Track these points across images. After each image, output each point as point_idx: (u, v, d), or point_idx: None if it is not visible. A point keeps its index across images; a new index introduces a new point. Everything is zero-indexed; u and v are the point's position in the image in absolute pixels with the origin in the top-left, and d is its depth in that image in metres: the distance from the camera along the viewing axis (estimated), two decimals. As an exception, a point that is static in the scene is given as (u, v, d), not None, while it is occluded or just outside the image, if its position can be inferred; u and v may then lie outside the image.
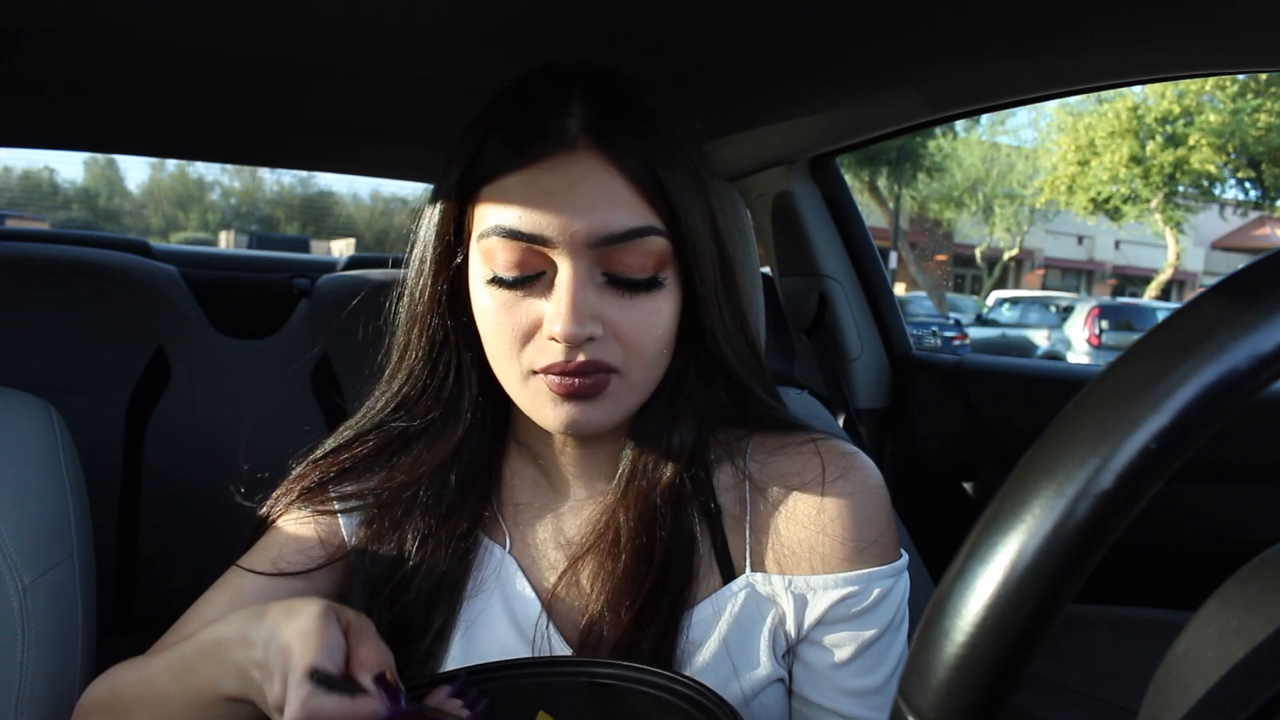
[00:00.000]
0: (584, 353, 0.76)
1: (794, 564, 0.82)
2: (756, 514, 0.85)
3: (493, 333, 0.80)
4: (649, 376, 0.81)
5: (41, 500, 0.98)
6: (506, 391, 0.83)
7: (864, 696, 0.82)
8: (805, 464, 0.85)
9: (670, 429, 0.85)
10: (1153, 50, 1.01)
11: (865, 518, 0.82)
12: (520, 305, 0.78)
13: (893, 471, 1.94)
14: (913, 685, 0.34)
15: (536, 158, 0.77)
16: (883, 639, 0.82)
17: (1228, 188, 21.80)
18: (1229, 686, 0.33)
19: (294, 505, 0.88)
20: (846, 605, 0.81)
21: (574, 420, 0.78)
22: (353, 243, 30.60)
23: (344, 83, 1.34)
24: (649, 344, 0.79)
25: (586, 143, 0.77)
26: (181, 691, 0.72)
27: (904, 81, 1.21)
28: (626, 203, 0.77)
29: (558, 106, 0.79)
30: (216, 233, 43.63)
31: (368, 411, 0.90)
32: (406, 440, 0.88)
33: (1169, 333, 0.32)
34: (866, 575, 0.81)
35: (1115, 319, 14.52)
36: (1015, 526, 0.32)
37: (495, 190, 0.78)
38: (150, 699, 0.74)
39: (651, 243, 0.77)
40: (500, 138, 0.79)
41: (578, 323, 0.74)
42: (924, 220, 27.81)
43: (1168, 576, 1.36)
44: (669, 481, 0.83)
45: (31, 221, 18.08)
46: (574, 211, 0.75)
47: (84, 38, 1.14)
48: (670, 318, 0.81)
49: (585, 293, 0.76)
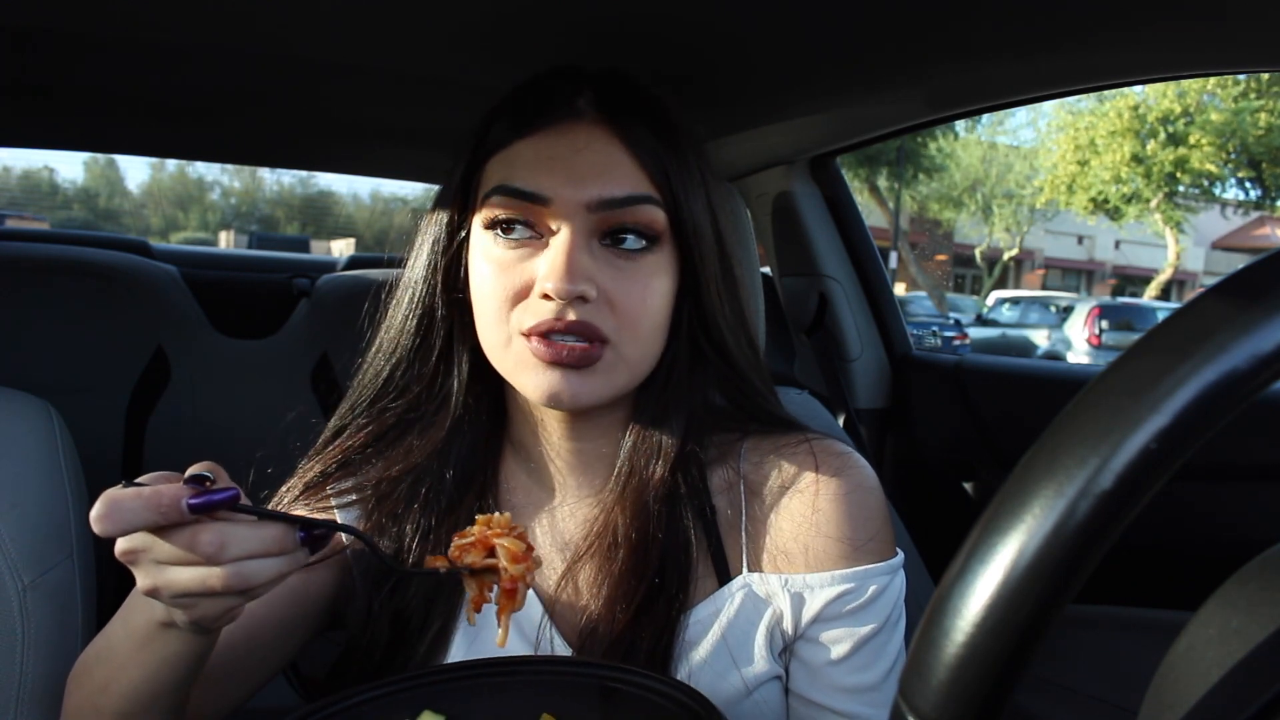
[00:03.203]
0: (575, 312, 0.76)
1: (790, 563, 0.83)
2: (752, 515, 0.85)
3: (485, 294, 0.80)
4: (641, 353, 0.81)
5: (41, 500, 0.98)
6: (491, 361, 0.82)
7: (860, 693, 0.82)
8: (799, 464, 0.85)
9: (665, 426, 0.85)
10: (1153, 50, 1.01)
11: (860, 516, 0.82)
12: (515, 267, 0.78)
13: (893, 471, 1.94)
14: (913, 685, 0.34)
15: (543, 126, 0.80)
16: (879, 636, 0.82)
17: (1228, 187, 21.82)
18: (1229, 686, 0.33)
19: (296, 502, 0.88)
20: (842, 602, 0.81)
21: (556, 390, 0.77)
22: (353, 243, 30.59)
23: (344, 83, 1.34)
24: (642, 316, 0.79)
25: (594, 116, 0.80)
26: (126, 633, 0.69)
27: (904, 81, 1.21)
28: (628, 172, 0.79)
29: (569, 88, 0.82)
30: (216, 233, 43.64)
31: (359, 388, 0.90)
32: (400, 430, 0.88)
33: (1169, 333, 0.32)
34: (862, 572, 0.81)
35: (1115, 319, 14.51)
36: (1015, 526, 0.32)
37: (501, 158, 0.81)
38: (106, 651, 0.72)
39: (649, 212, 0.79)
40: (510, 114, 0.82)
41: (570, 279, 0.74)
42: (924, 220, 27.82)
43: (1168, 576, 1.36)
44: (664, 482, 0.83)
45: (31, 221, 18.08)
46: (575, 174, 0.77)
47: (84, 38, 1.14)
48: (665, 295, 0.81)
49: (580, 253, 0.76)
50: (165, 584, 0.58)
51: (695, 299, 0.84)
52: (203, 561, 0.57)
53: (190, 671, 0.69)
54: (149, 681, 0.69)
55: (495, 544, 0.67)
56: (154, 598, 0.60)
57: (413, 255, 0.88)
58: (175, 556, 0.57)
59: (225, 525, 0.57)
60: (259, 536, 0.58)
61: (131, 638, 0.68)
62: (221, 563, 0.57)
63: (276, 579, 0.61)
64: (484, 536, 0.68)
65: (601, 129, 0.80)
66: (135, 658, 0.68)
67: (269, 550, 0.59)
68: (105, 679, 0.71)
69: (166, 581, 0.58)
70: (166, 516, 0.55)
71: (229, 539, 0.57)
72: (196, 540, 0.56)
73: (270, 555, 0.59)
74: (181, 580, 0.58)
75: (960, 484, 1.82)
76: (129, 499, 0.55)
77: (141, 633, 0.67)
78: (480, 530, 0.69)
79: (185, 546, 0.57)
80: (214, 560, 0.57)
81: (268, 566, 0.59)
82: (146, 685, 0.69)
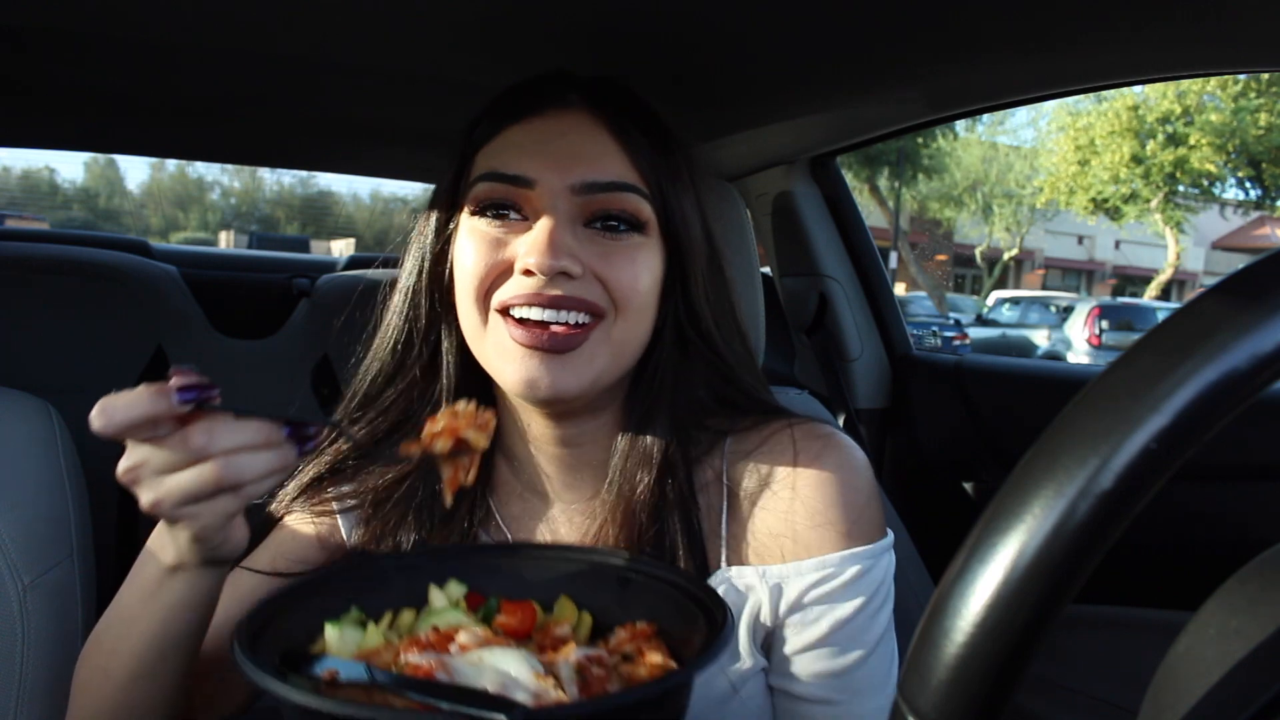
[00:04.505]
0: (560, 288, 0.75)
1: (770, 554, 0.82)
2: (733, 511, 0.85)
3: (467, 270, 0.79)
4: (627, 335, 0.80)
5: (41, 500, 0.98)
6: (473, 352, 0.82)
7: (835, 678, 0.81)
8: (780, 453, 0.84)
9: (652, 431, 0.84)
10: (1153, 50, 1.01)
11: (839, 500, 0.81)
12: (499, 245, 0.78)
13: (893, 471, 1.94)
14: (913, 685, 0.34)
15: (532, 113, 0.81)
16: (856, 619, 0.80)
17: (1228, 187, 21.82)
18: (1229, 686, 0.33)
19: (296, 503, 0.88)
20: (819, 588, 0.80)
21: (533, 377, 0.76)
22: (353, 243, 30.56)
23: (344, 83, 1.34)
24: (633, 293, 0.78)
25: (582, 105, 0.81)
26: (134, 589, 0.72)
27: (904, 81, 1.21)
28: (614, 160, 0.79)
29: (560, 84, 0.83)
30: (216, 233, 43.62)
31: (353, 391, 0.90)
32: (393, 436, 0.88)
33: (1169, 333, 0.32)
34: (840, 557, 0.80)
35: (1115, 319, 14.51)
36: (1015, 526, 0.32)
37: (489, 148, 0.82)
38: (114, 614, 0.74)
39: (633, 200, 0.79)
40: (499, 108, 0.83)
41: (552, 254, 0.74)
42: (924, 220, 27.82)
43: (1168, 576, 1.36)
44: (652, 492, 0.82)
45: (31, 221, 18.07)
46: (559, 157, 0.78)
47: (84, 38, 1.14)
48: (654, 276, 0.81)
49: (562, 232, 0.76)
50: (166, 493, 0.62)
51: (683, 291, 0.84)
52: (196, 461, 0.61)
53: (198, 621, 0.71)
54: (158, 635, 0.71)
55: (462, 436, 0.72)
56: (158, 515, 0.64)
57: (405, 257, 0.89)
58: (170, 461, 0.61)
59: (212, 422, 0.62)
60: (245, 428, 0.63)
61: (140, 591, 0.71)
62: (213, 455, 0.61)
63: (268, 475, 0.64)
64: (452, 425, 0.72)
65: (589, 118, 0.80)
66: (144, 610, 0.71)
67: (255, 442, 0.63)
68: (114, 642, 0.73)
69: (167, 490, 0.62)
70: (156, 404, 0.60)
71: (216, 431, 0.61)
72: (187, 438, 0.61)
73: (258, 449, 0.63)
74: (180, 483, 0.61)
75: (960, 484, 1.82)
76: (121, 398, 0.60)
77: (150, 584, 0.70)
78: (448, 420, 0.72)
79: (178, 447, 0.61)
80: (205, 453, 0.61)
81: (258, 460, 0.63)
82: (155, 640, 0.71)
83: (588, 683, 0.61)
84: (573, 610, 0.75)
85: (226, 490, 0.62)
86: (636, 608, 0.72)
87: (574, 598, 0.75)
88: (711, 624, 0.64)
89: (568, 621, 0.72)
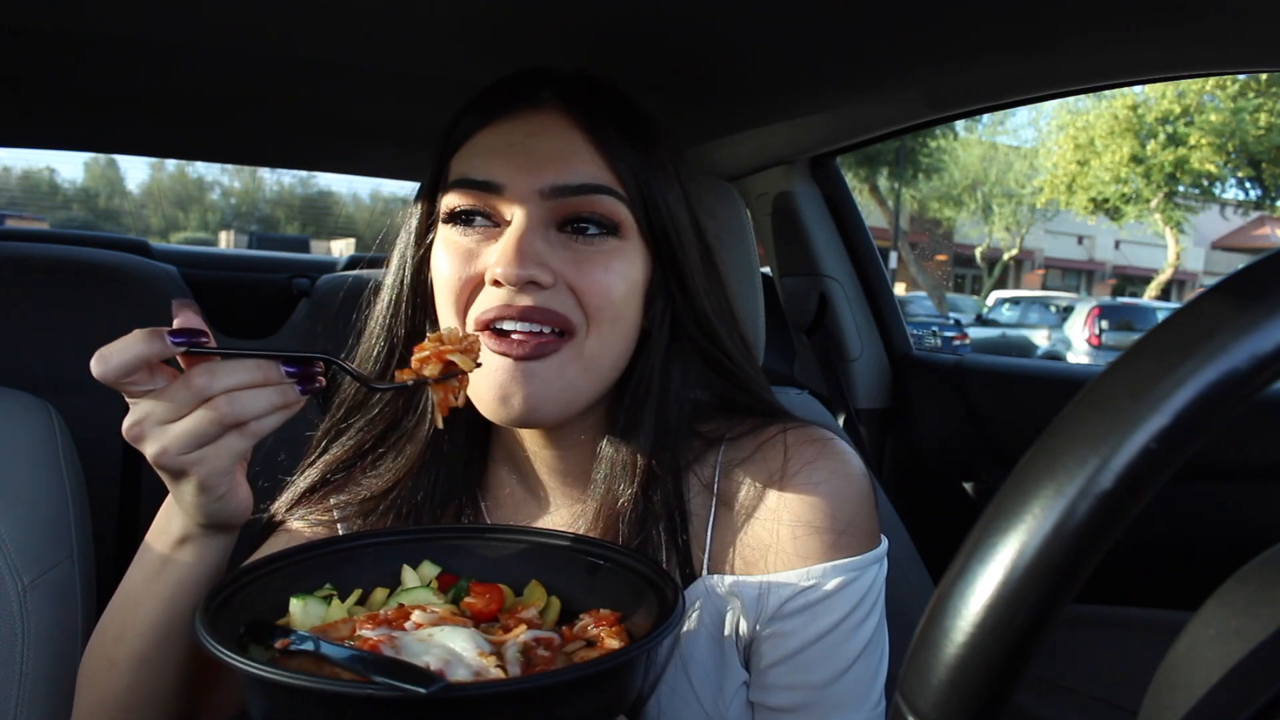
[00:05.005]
0: (531, 298, 0.74)
1: (754, 563, 0.80)
2: (720, 518, 0.83)
3: (443, 284, 0.79)
4: (602, 349, 0.78)
5: (41, 500, 0.98)
6: None
7: (811, 690, 0.77)
8: (772, 460, 0.82)
9: (635, 441, 0.81)
10: (1153, 50, 1.01)
11: (827, 509, 0.79)
12: (470, 259, 0.77)
13: (893, 471, 1.94)
14: (913, 685, 0.34)
15: (503, 115, 0.79)
16: (834, 633, 0.77)
17: (1228, 187, 21.82)
18: (1229, 686, 0.33)
19: (295, 508, 0.88)
20: (800, 598, 0.77)
21: (506, 394, 0.75)
22: (352, 243, 30.56)
23: (343, 82, 1.34)
24: (607, 303, 0.76)
25: (554, 103, 0.79)
26: (140, 569, 0.73)
27: (904, 81, 1.21)
28: (587, 161, 0.77)
29: (534, 81, 0.81)
30: (216, 233, 43.62)
31: (340, 398, 0.89)
32: (380, 445, 0.87)
33: (1169, 333, 0.32)
34: (823, 569, 0.77)
35: (1115, 319, 14.52)
36: (1015, 526, 0.32)
37: (464, 152, 0.80)
38: (120, 598, 0.74)
39: (607, 203, 0.77)
40: (474, 108, 0.82)
41: (520, 263, 0.73)
42: (924, 220, 27.81)
43: (1168, 576, 1.36)
44: (635, 502, 0.80)
45: (31, 221, 18.07)
46: (529, 160, 0.76)
47: (84, 38, 1.14)
48: (632, 284, 0.79)
49: (532, 238, 0.75)
50: (172, 439, 0.63)
51: (681, 289, 0.82)
52: (199, 406, 0.62)
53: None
54: (164, 614, 0.71)
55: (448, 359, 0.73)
56: (164, 466, 0.65)
57: (388, 264, 0.88)
58: (173, 409, 0.63)
59: (211, 363, 0.63)
60: (244, 365, 0.64)
61: (146, 571, 0.72)
62: (214, 394, 0.62)
63: (271, 412, 0.65)
64: (438, 351, 0.73)
65: (561, 117, 0.78)
66: (151, 589, 0.72)
67: (255, 380, 0.64)
68: (120, 627, 0.73)
69: (173, 436, 0.63)
70: (150, 345, 0.61)
71: (216, 371, 0.63)
72: (188, 381, 0.62)
73: (259, 386, 0.64)
74: (185, 429, 0.63)
75: (960, 484, 1.82)
76: (117, 342, 0.62)
77: (156, 562, 0.72)
78: (433, 346, 0.73)
79: (180, 391, 0.62)
80: (208, 392, 0.62)
81: (260, 397, 0.64)
82: (162, 620, 0.71)
83: (532, 664, 0.62)
84: (542, 594, 0.75)
85: (231, 428, 0.63)
86: (603, 595, 0.72)
87: (544, 582, 0.76)
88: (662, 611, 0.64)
89: (536, 605, 0.72)
